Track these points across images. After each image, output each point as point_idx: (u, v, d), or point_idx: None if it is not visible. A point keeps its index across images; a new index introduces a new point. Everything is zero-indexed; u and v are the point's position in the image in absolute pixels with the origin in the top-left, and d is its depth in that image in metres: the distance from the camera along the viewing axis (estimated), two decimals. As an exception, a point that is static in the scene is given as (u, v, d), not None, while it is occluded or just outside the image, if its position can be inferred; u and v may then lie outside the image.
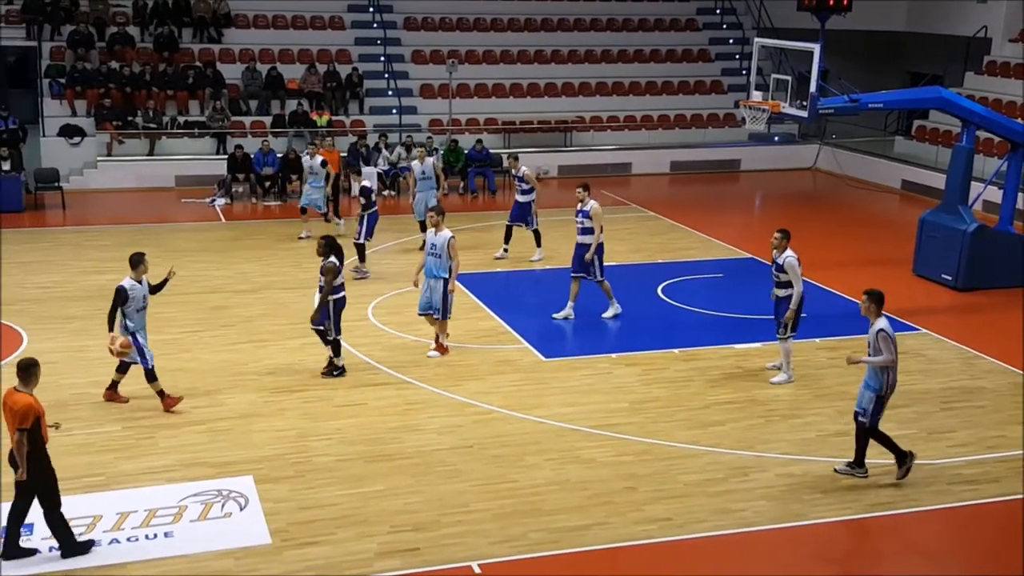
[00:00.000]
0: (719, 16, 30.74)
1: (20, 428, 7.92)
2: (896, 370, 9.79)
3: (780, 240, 12.27)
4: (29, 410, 7.95)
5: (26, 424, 7.92)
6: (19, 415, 7.92)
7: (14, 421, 7.95)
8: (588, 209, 13.92)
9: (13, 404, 7.98)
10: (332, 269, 11.87)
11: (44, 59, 24.34)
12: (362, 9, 27.73)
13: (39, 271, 16.35)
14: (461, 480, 9.71)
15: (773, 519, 9.19)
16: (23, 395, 8.05)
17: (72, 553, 8.33)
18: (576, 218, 14.09)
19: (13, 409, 7.96)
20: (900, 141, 26.81)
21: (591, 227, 13.89)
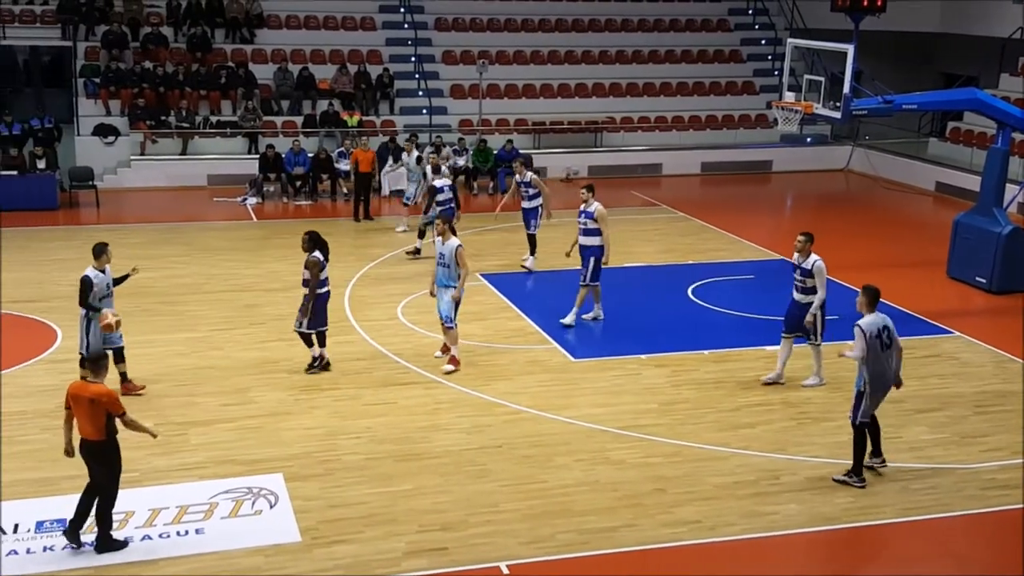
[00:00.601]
0: (751, 16, 30.57)
1: (120, 414, 8.13)
2: (871, 366, 9.58)
3: (804, 243, 11.96)
4: (114, 398, 8.15)
5: (121, 409, 8.13)
6: (109, 405, 8.08)
7: (99, 413, 8.07)
8: (592, 210, 13.72)
9: (97, 395, 8.08)
10: (316, 263, 11.96)
11: (79, 59, 24.63)
12: (393, 10, 27.82)
13: (73, 268, 16.42)
14: (490, 480, 9.71)
15: (804, 523, 9.12)
16: (98, 386, 8.17)
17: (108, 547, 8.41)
18: (579, 219, 13.94)
19: (99, 402, 8.06)
20: (934, 143, 26.53)
21: (593, 228, 13.71)
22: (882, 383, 9.73)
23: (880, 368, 9.64)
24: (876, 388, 9.68)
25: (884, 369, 9.68)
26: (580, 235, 13.92)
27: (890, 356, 9.72)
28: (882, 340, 9.63)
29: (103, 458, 8.24)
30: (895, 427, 11.11)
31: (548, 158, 25.22)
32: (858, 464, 9.76)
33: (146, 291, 15.29)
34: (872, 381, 9.63)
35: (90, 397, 8.09)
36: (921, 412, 11.55)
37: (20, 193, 20.22)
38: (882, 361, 9.64)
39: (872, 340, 9.55)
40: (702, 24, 29.87)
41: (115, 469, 8.30)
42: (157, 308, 14.55)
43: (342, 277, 16.19)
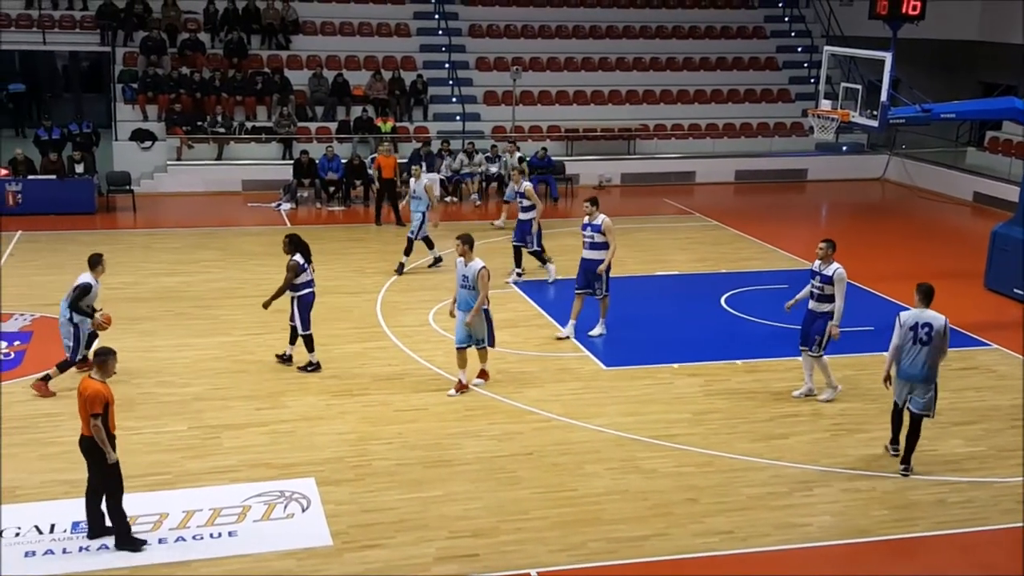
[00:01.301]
0: (787, 24, 30.41)
1: (93, 414, 8.14)
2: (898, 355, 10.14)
3: (826, 250, 11.79)
4: (98, 396, 8.18)
5: (96, 409, 8.15)
6: (89, 401, 8.16)
7: (85, 408, 8.20)
8: (599, 223, 13.48)
9: (84, 390, 8.24)
10: (294, 267, 12.21)
11: (117, 65, 24.94)
12: (428, 16, 27.95)
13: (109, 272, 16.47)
14: (521, 487, 9.69)
15: (838, 535, 9.04)
16: (94, 382, 8.27)
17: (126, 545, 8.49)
18: (583, 231, 13.69)
19: (84, 395, 8.21)
20: (972, 152, 26.23)
21: (601, 242, 13.47)
22: (904, 373, 10.09)
23: (905, 360, 10.02)
24: (899, 375, 10.12)
25: (909, 362, 10.02)
26: (586, 249, 13.60)
27: (919, 352, 9.95)
28: (917, 334, 9.90)
29: (94, 454, 8.31)
30: (931, 439, 10.96)
31: (581, 165, 25.20)
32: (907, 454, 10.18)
33: (181, 295, 15.46)
34: (897, 369, 10.11)
35: (83, 391, 8.27)
36: (957, 425, 11.41)
37: (58, 197, 20.51)
38: (910, 354, 9.98)
39: (906, 331, 9.94)
40: (738, 31, 29.76)
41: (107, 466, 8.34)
42: (191, 312, 14.68)
43: (374, 283, 16.29)
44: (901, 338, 10.02)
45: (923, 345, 9.90)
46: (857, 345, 13.81)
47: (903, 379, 10.11)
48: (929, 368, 9.97)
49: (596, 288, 13.66)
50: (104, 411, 8.19)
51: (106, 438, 8.23)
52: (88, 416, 8.19)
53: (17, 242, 18.30)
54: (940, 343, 9.96)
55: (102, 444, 8.21)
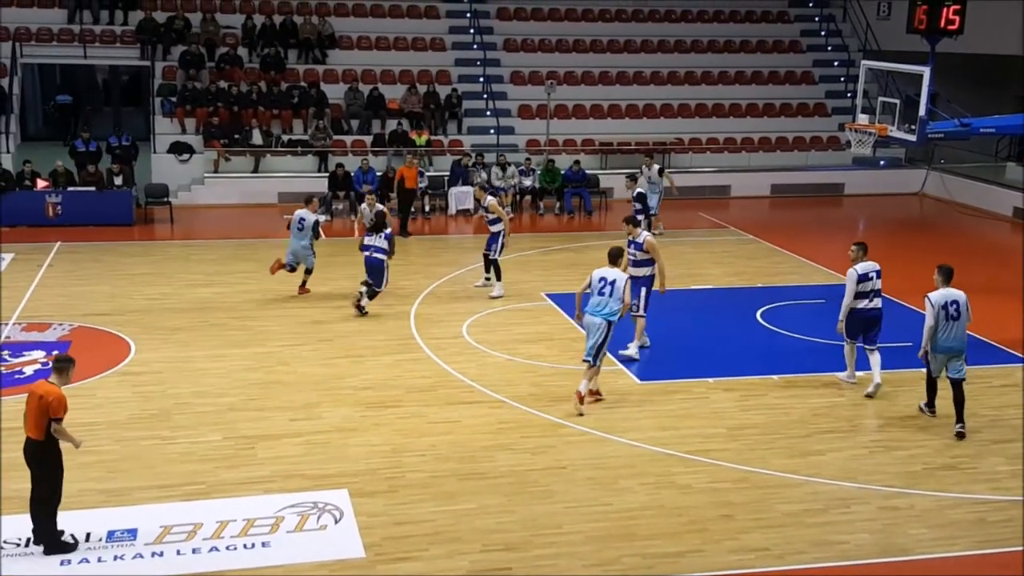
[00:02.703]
0: (824, 38, 30.24)
1: (56, 418, 8.19)
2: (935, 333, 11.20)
3: (857, 252, 12.99)
4: (62, 401, 8.23)
5: (59, 414, 8.21)
6: (53, 406, 8.18)
7: (45, 412, 8.19)
8: (641, 241, 13.42)
9: (46, 393, 8.24)
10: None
11: (156, 78, 25.27)
12: (463, 31, 28.08)
13: (147, 283, 16.89)
14: (554, 501, 9.64)
15: (876, 553, 8.90)
16: (55, 387, 8.32)
17: (56, 549, 8.54)
18: (628, 249, 13.54)
19: (46, 398, 8.20)
20: (1012, 167, 25.88)
21: (643, 259, 13.40)
22: (941, 348, 11.17)
23: (942, 335, 11.11)
24: (936, 350, 11.20)
25: (945, 337, 11.13)
26: (629, 267, 13.37)
27: (953, 327, 11.13)
28: (948, 312, 11.06)
29: (39, 459, 8.34)
30: (971, 457, 10.81)
31: (615, 179, 25.11)
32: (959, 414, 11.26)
33: (217, 306, 15.58)
34: (933, 345, 11.17)
35: (40, 394, 8.26)
36: (998, 443, 11.22)
37: (97, 209, 20.77)
38: (946, 330, 11.09)
39: (938, 311, 11.03)
40: (774, 45, 29.63)
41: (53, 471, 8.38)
42: (227, 323, 14.78)
43: (409, 295, 16.31)
44: (935, 317, 11.06)
45: (954, 320, 11.09)
46: (897, 361, 13.63)
47: (942, 353, 11.17)
48: (963, 340, 11.20)
49: (634, 306, 13.46)
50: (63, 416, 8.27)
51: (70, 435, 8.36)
52: (44, 421, 8.19)
53: (56, 253, 18.54)
54: (967, 314, 11.22)
55: (69, 440, 8.37)
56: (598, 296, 11.70)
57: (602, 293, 11.67)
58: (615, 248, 12.12)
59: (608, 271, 11.78)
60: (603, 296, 11.65)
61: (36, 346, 13.50)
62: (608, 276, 11.70)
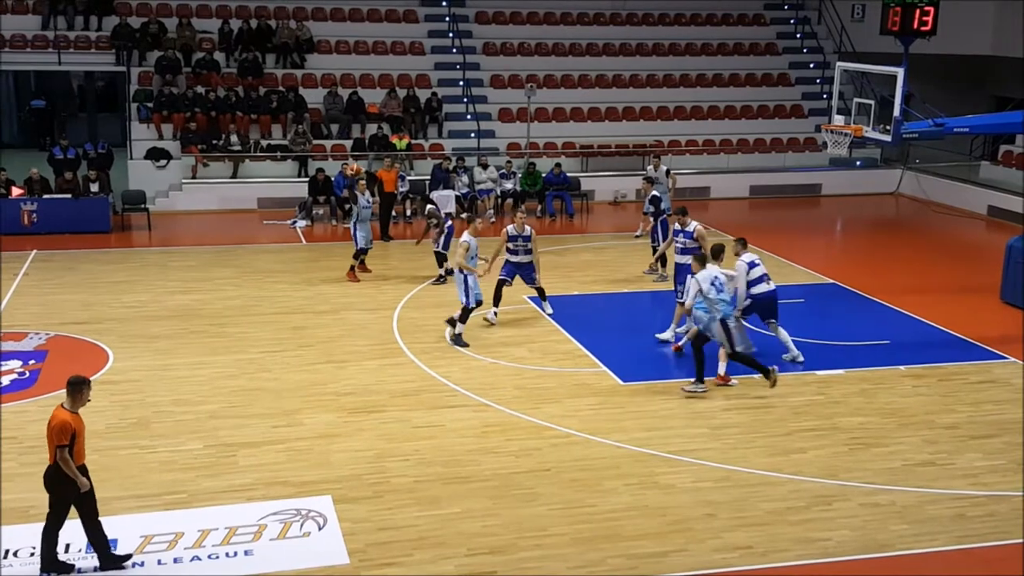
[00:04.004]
0: (799, 40, 30.42)
1: (59, 445, 8.07)
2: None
3: (737, 246, 13.59)
4: (65, 428, 8.08)
5: (63, 441, 8.06)
6: (55, 431, 8.07)
7: (52, 438, 8.11)
8: (692, 231, 14.49)
9: (52, 419, 8.15)
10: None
11: (132, 84, 25.11)
12: (442, 35, 28.08)
13: (125, 291, 16.78)
14: (539, 504, 9.66)
15: (858, 549, 8.96)
16: (62, 412, 8.17)
17: (109, 566, 8.43)
18: (676, 238, 14.78)
19: (50, 425, 8.13)
20: (986, 166, 26.13)
21: (693, 247, 14.24)
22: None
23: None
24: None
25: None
26: (677, 254, 14.66)
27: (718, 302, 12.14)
28: (715, 286, 12.06)
29: (53, 483, 8.24)
30: (950, 453, 10.91)
31: (596, 181, 25.22)
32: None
33: (196, 313, 15.50)
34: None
35: (50, 422, 8.17)
36: (976, 439, 11.33)
37: (74, 216, 20.62)
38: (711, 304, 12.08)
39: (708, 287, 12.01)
40: (750, 48, 29.79)
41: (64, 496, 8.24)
42: (207, 330, 14.71)
43: (390, 299, 16.30)
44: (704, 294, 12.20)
45: (721, 292, 12.12)
46: (874, 359, 13.76)
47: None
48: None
49: (679, 292, 14.30)
50: (71, 442, 8.10)
51: (74, 468, 8.13)
52: (51, 446, 8.10)
53: (32, 261, 18.40)
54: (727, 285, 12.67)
55: (72, 474, 8.12)
56: (719, 294, 12.38)
57: (721, 291, 12.36)
58: (717, 245, 13.11)
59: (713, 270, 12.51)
60: (723, 292, 12.43)
61: (12, 356, 13.38)
62: (715, 274, 12.47)
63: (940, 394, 12.60)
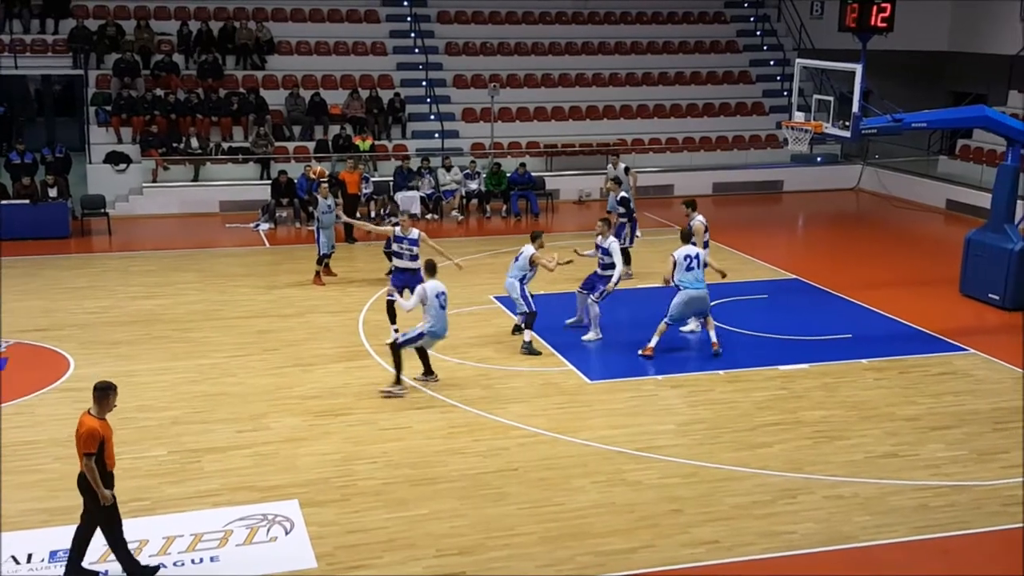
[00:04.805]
0: (759, 38, 30.66)
1: (86, 453, 7.95)
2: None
3: (602, 227, 14.41)
4: (92, 435, 7.96)
5: (91, 448, 7.94)
6: (83, 439, 7.95)
7: (80, 446, 7.99)
8: (692, 225, 14.84)
9: (79, 426, 8.03)
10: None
11: (90, 87, 24.81)
12: (404, 35, 28.00)
13: (86, 296, 16.59)
14: (507, 503, 9.67)
15: (822, 541, 9.06)
16: (90, 419, 8.05)
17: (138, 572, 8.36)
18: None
19: (78, 432, 8.01)
20: (944, 161, 26.49)
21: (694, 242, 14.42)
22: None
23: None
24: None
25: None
26: None
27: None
28: (440, 301, 12.13)
29: (86, 491, 8.16)
30: (912, 445, 11.06)
31: (560, 180, 25.28)
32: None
33: (159, 318, 15.35)
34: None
35: (78, 429, 8.07)
36: (937, 429, 11.49)
37: (32, 222, 20.32)
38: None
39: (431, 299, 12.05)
40: (711, 46, 29.98)
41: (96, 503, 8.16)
42: (170, 335, 14.57)
43: (355, 302, 16.24)
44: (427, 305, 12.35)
45: (443, 310, 12.22)
46: (836, 353, 13.90)
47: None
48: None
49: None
50: (100, 450, 7.99)
51: (98, 478, 8.02)
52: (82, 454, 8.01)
53: (-8, 268, 18.14)
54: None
55: (95, 485, 8.01)
56: (687, 272, 13.44)
57: (690, 268, 13.43)
58: (685, 230, 14.05)
59: (689, 248, 13.58)
60: (692, 270, 13.43)
61: (-28, 364, 13.20)
62: (691, 252, 13.51)
63: (901, 386, 12.77)
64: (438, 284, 12.25)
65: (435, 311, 12.13)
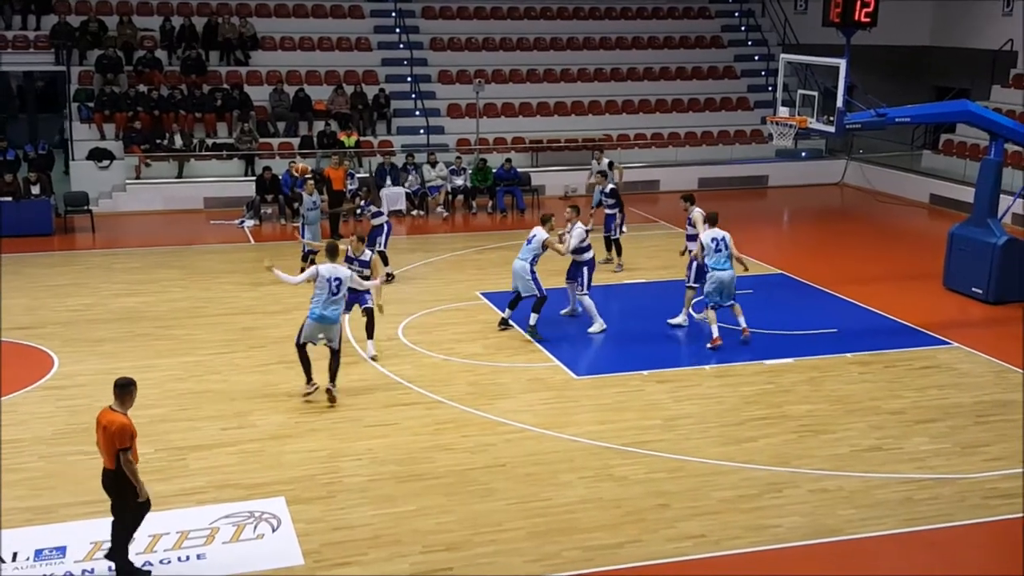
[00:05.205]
0: (744, 33, 30.73)
1: (121, 448, 7.92)
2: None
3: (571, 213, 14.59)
4: (125, 430, 7.94)
5: (125, 443, 7.93)
6: (117, 435, 7.91)
7: (111, 442, 7.95)
8: (691, 217, 15.16)
9: (108, 424, 7.97)
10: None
11: (73, 84, 24.66)
12: (388, 30, 27.94)
13: (69, 294, 16.50)
14: (494, 499, 9.67)
15: (808, 535, 9.10)
16: (118, 415, 8.02)
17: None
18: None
19: (108, 430, 7.95)
20: (928, 155, 26.62)
21: (692, 233, 14.91)
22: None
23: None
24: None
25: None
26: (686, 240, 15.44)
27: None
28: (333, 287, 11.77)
29: (116, 488, 8.13)
30: (896, 438, 11.11)
31: (546, 176, 25.27)
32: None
33: (143, 316, 15.28)
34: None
35: (104, 425, 8.02)
36: (921, 423, 11.55)
37: (15, 219, 20.17)
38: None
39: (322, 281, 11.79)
40: (696, 41, 30.02)
41: (128, 500, 8.14)
42: (154, 332, 14.51)
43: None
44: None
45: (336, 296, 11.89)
46: (822, 347, 13.96)
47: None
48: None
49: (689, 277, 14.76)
50: (130, 444, 7.98)
51: (136, 472, 8.01)
52: (113, 451, 7.95)
53: (-26, 266, 18.02)
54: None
55: (133, 479, 7.98)
56: (716, 254, 13.80)
57: (719, 250, 13.80)
58: (713, 213, 14.40)
59: (716, 232, 13.95)
60: (720, 252, 13.79)
61: (-45, 362, 13.10)
62: (718, 235, 13.92)
63: (886, 380, 12.83)
64: (337, 268, 11.98)
65: (322, 295, 11.79)
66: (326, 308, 11.82)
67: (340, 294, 11.90)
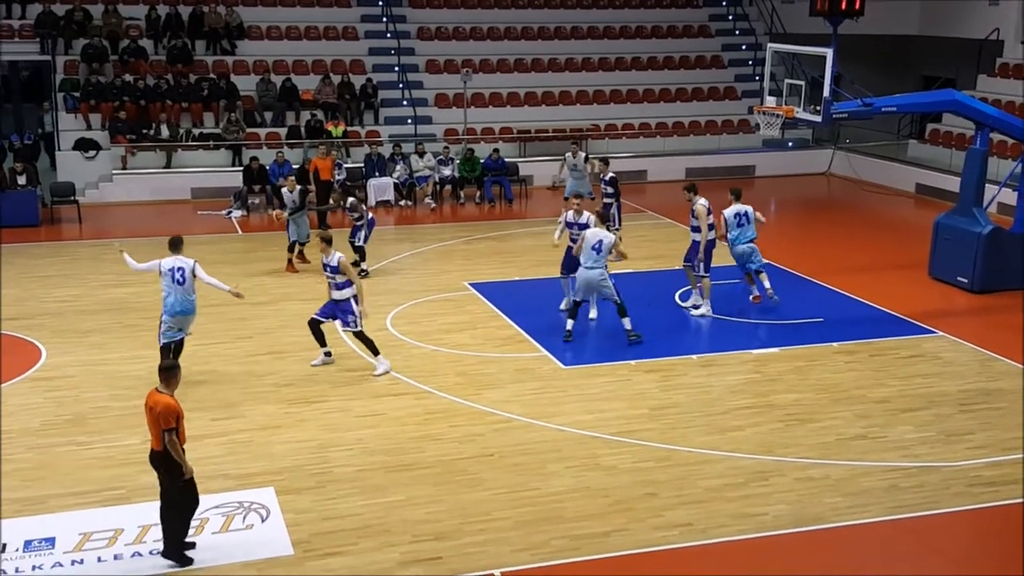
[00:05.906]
0: (731, 22, 30.76)
1: (166, 429, 8.04)
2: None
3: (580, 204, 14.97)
4: (170, 410, 8.07)
5: (170, 423, 8.05)
6: (162, 416, 8.04)
7: (157, 423, 8.09)
8: (694, 209, 14.85)
9: (154, 405, 8.12)
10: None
11: (58, 73, 24.53)
12: (376, 19, 27.86)
13: (57, 285, 16.46)
14: (482, 489, 9.72)
15: (793, 523, 9.17)
16: (163, 396, 8.15)
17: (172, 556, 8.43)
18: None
19: (154, 411, 8.09)
20: (914, 145, 26.73)
21: (695, 225, 14.74)
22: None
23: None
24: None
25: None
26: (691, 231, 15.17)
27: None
28: (175, 276, 11.82)
29: (164, 467, 8.27)
30: (882, 427, 11.20)
31: (534, 166, 25.28)
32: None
33: (130, 306, 15.26)
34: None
35: (150, 406, 8.18)
36: (906, 411, 11.64)
37: (1, 210, 20.12)
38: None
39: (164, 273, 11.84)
40: (683, 30, 30.04)
41: (174, 479, 8.27)
42: (142, 324, 14.46)
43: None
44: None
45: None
46: (807, 336, 14.04)
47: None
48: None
49: (695, 266, 14.80)
50: (177, 424, 8.11)
51: (181, 451, 8.15)
52: (159, 431, 8.09)
53: (-40, 257, 17.94)
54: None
55: (179, 458, 8.14)
56: (737, 228, 14.53)
57: (741, 224, 14.55)
58: (737, 188, 15.24)
59: (739, 206, 14.66)
60: (743, 227, 14.55)
61: (-58, 354, 13.07)
62: (741, 210, 14.61)
63: (871, 369, 12.92)
64: (177, 259, 12.01)
65: (168, 286, 11.92)
66: (176, 299, 11.95)
67: (187, 283, 11.97)
